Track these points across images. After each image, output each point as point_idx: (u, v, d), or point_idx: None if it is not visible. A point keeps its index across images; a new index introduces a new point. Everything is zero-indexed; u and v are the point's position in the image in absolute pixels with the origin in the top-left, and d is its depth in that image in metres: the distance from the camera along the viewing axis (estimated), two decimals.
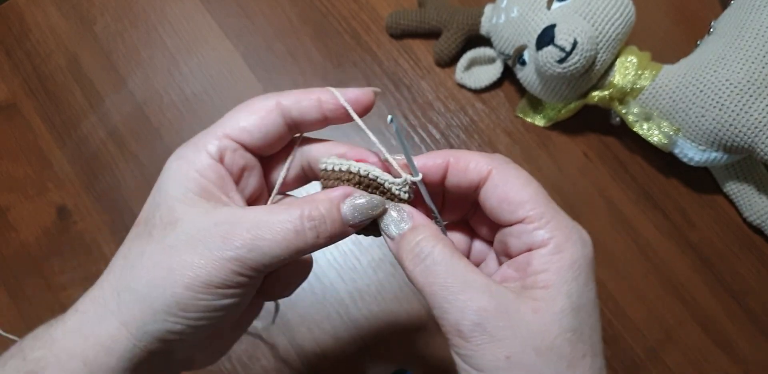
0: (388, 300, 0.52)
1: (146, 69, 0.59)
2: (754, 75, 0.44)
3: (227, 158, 0.26)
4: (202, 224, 0.24)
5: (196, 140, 0.27)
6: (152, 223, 0.25)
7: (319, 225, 0.25)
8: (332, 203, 0.25)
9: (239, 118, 0.27)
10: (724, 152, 0.47)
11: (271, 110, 0.27)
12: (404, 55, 0.58)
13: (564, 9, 0.46)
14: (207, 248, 0.23)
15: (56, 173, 0.57)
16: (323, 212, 0.25)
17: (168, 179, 0.26)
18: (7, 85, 0.60)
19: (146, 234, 0.25)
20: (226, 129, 0.27)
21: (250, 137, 0.27)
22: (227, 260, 0.23)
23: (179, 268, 0.23)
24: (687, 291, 0.52)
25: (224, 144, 0.26)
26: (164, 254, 0.24)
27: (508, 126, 0.56)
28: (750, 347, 0.50)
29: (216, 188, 0.26)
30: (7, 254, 0.56)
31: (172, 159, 0.27)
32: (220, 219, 0.24)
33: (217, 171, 0.26)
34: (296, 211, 0.24)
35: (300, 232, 0.24)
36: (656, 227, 0.53)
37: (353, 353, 0.51)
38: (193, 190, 0.25)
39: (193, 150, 0.26)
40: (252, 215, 0.24)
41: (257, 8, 0.60)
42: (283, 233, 0.24)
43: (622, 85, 0.48)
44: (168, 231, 0.24)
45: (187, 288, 0.23)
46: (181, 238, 0.24)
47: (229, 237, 0.23)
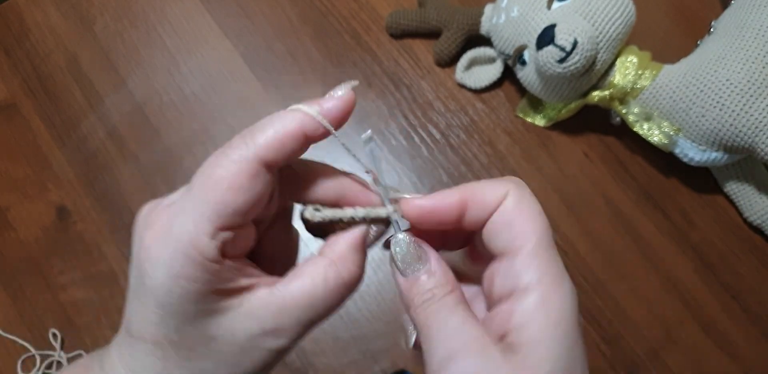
0: (388, 300, 0.52)
1: (146, 69, 0.59)
2: (754, 75, 0.43)
3: (228, 249, 0.23)
4: (248, 334, 0.23)
5: (178, 238, 0.21)
6: (179, 343, 0.23)
7: (358, 280, 0.25)
8: (357, 251, 0.25)
9: (225, 201, 0.22)
10: (725, 152, 0.47)
11: (255, 177, 0.22)
12: (404, 55, 0.58)
13: (564, 9, 0.46)
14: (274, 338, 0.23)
15: (56, 173, 0.57)
16: (359, 268, 0.25)
17: (172, 302, 0.22)
18: (7, 85, 0.60)
19: (183, 358, 0.23)
20: (214, 219, 0.22)
21: (244, 219, 0.23)
22: None
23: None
24: (687, 291, 0.52)
25: (221, 239, 0.22)
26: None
27: (508, 126, 0.56)
28: (750, 347, 0.50)
29: (232, 283, 0.23)
30: (6, 254, 0.56)
31: (158, 272, 0.21)
32: (265, 322, 0.23)
33: (227, 270, 0.23)
34: (337, 281, 0.24)
35: (345, 296, 0.25)
36: (656, 227, 0.53)
37: (353, 353, 0.51)
38: (209, 300, 0.22)
39: (182, 257, 0.21)
40: (294, 300, 0.23)
41: (257, 8, 0.60)
42: (333, 306, 0.24)
43: (623, 85, 0.48)
44: (210, 350, 0.23)
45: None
46: (232, 351, 0.23)
47: (282, 332, 0.23)
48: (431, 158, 0.55)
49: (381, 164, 0.25)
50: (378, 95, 0.57)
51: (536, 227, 0.23)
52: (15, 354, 0.53)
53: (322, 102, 0.24)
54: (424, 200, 0.24)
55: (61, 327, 0.54)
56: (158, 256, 0.22)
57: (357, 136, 0.56)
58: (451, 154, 0.55)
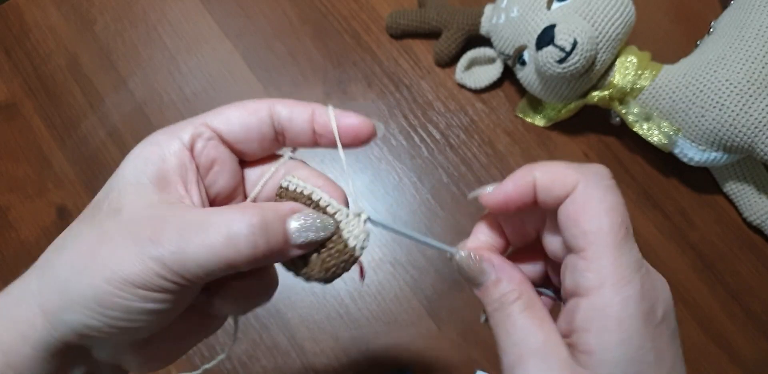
0: (388, 300, 0.52)
1: (146, 69, 0.59)
2: (754, 75, 0.44)
3: (198, 145, 0.25)
4: (140, 215, 0.22)
5: (173, 126, 0.25)
6: (99, 206, 0.23)
7: (257, 234, 0.21)
8: (278, 214, 0.22)
9: (225, 110, 0.25)
10: (724, 152, 0.47)
11: (260, 109, 0.25)
12: (404, 55, 0.58)
13: (564, 9, 0.46)
14: (134, 242, 0.21)
15: (56, 173, 0.57)
16: (267, 221, 0.22)
17: (128, 161, 0.24)
18: (7, 85, 0.60)
19: (90, 217, 0.23)
20: (208, 118, 0.25)
21: (229, 128, 0.25)
22: (150, 260, 0.20)
23: (103, 258, 0.21)
24: (687, 291, 0.52)
25: (199, 131, 0.25)
26: (96, 240, 0.22)
27: (508, 126, 0.56)
28: (750, 347, 0.50)
29: (175, 177, 0.24)
30: (7, 254, 0.56)
31: (141, 143, 0.24)
32: (158, 213, 0.22)
33: (180, 158, 0.24)
34: (235, 214, 0.21)
35: (232, 239, 0.21)
36: (656, 227, 0.53)
37: (353, 353, 0.51)
38: (148, 176, 0.23)
39: (165, 135, 0.24)
40: (189, 214, 0.22)
41: (257, 8, 0.60)
42: (213, 236, 0.21)
43: (622, 85, 0.48)
44: (109, 217, 0.22)
45: (107, 281, 0.21)
46: (116, 226, 0.22)
47: (156, 233, 0.21)
48: (431, 158, 0.55)
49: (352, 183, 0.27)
50: (378, 95, 0.57)
51: (602, 226, 0.22)
52: None
53: (344, 112, 0.26)
54: (499, 189, 0.24)
55: None
56: (150, 138, 0.25)
57: None
58: (451, 154, 0.55)
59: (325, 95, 0.57)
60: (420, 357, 0.51)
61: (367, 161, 0.55)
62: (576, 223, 0.22)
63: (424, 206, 0.54)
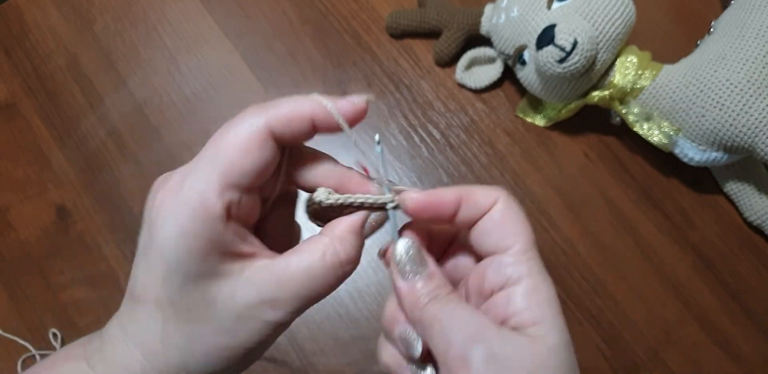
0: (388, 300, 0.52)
1: (146, 69, 0.59)
2: (754, 75, 0.43)
3: (234, 211, 0.24)
4: (247, 301, 0.24)
5: (188, 194, 0.23)
6: (180, 305, 0.23)
7: (354, 263, 0.26)
8: (356, 233, 0.26)
9: (234, 161, 0.23)
10: (725, 152, 0.47)
11: (263, 143, 0.24)
12: (404, 55, 0.58)
13: (564, 9, 0.46)
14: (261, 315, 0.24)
15: (56, 173, 0.57)
16: (356, 250, 0.26)
17: (178, 258, 0.23)
18: (7, 85, 0.60)
19: (182, 321, 0.24)
20: (223, 178, 0.23)
21: (251, 181, 0.24)
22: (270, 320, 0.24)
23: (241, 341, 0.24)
24: (687, 290, 0.52)
25: (227, 197, 0.23)
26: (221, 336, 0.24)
27: (508, 126, 0.56)
28: (750, 347, 0.50)
29: (235, 247, 0.24)
30: (7, 254, 0.56)
31: (167, 227, 0.23)
32: (264, 291, 0.24)
33: (231, 232, 0.24)
34: (333, 259, 0.25)
35: (340, 277, 0.25)
36: (656, 227, 0.53)
37: (353, 353, 0.51)
38: (213, 261, 0.23)
39: (190, 213, 0.23)
40: (293, 272, 0.24)
41: (257, 8, 0.60)
42: (329, 284, 0.25)
43: (623, 85, 0.48)
44: (209, 313, 0.23)
45: None
46: (230, 318, 0.24)
47: (279, 303, 0.24)
48: (431, 158, 0.55)
49: (387, 162, 0.27)
50: (378, 95, 0.57)
51: (523, 229, 0.26)
52: (15, 354, 0.53)
53: (337, 99, 0.25)
54: (423, 193, 0.26)
55: (62, 326, 0.54)
56: (168, 211, 0.23)
57: (358, 138, 0.56)
58: (451, 154, 0.55)
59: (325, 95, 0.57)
60: None
61: (367, 161, 0.55)
62: (504, 226, 0.26)
63: None
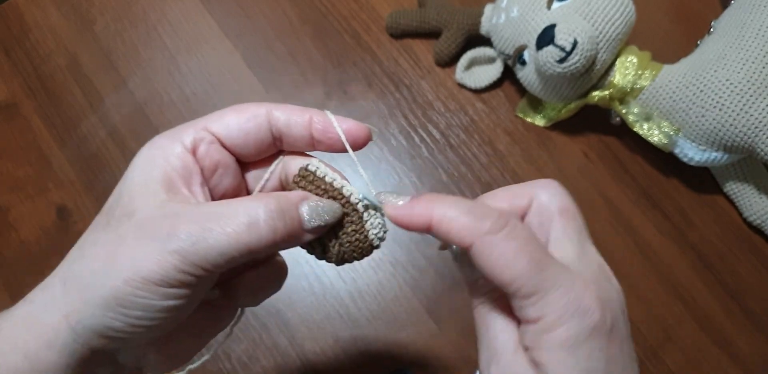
0: (388, 300, 0.52)
1: (146, 69, 0.59)
2: (754, 75, 0.44)
3: (201, 149, 0.25)
4: (154, 215, 0.23)
5: (174, 130, 0.26)
6: (112, 213, 0.24)
7: (276, 218, 0.23)
8: (290, 200, 0.24)
9: (224, 114, 0.26)
10: (724, 152, 0.47)
11: (258, 114, 0.26)
12: (404, 55, 0.58)
13: (564, 9, 0.46)
14: (151, 240, 0.22)
15: (56, 173, 0.57)
16: (282, 207, 0.23)
17: (134, 166, 0.25)
18: (7, 85, 0.60)
19: (104, 223, 0.24)
20: (208, 122, 0.26)
21: (229, 133, 0.26)
22: (169, 254, 0.21)
23: (122, 260, 0.22)
24: (687, 291, 0.52)
25: (200, 135, 0.25)
26: (113, 244, 0.23)
27: (508, 126, 0.56)
28: (749, 347, 0.50)
29: (180, 179, 0.25)
30: (7, 254, 0.56)
31: (145, 146, 0.26)
32: (171, 211, 0.23)
33: (184, 161, 0.25)
34: (252, 202, 0.23)
35: (253, 224, 0.22)
36: (656, 227, 0.53)
37: (353, 353, 0.51)
38: (156, 179, 0.24)
39: (167, 138, 0.25)
40: (204, 207, 0.23)
41: (257, 8, 0.60)
42: (234, 225, 0.22)
43: (623, 85, 0.48)
44: (123, 221, 0.23)
45: (126, 282, 0.22)
46: (131, 228, 0.23)
47: (174, 229, 0.22)
48: (431, 158, 0.55)
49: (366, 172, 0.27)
50: (378, 95, 0.57)
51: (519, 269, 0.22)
52: None
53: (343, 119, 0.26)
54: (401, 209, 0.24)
55: None
56: (146, 145, 0.25)
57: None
58: (451, 154, 0.55)
59: (325, 95, 0.57)
60: (420, 357, 0.51)
61: (367, 161, 0.55)
62: (494, 278, 0.23)
63: None
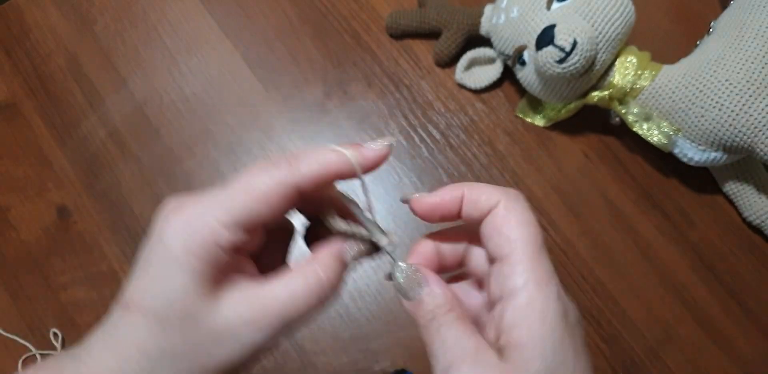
0: (388, 300, 0.52)
1: (146, 69, 0.59)
2: (754, 75, 0.44)
3: (238, 246, 0.25)
4: (226, 320, 0.24)
5: (203, 221, 0.24)
6: (163, 316, 0.24)
7: (334, 285, 0.26)
8: (338, 259, 0.26)
9: (253, 208, 0.24)
10: (724, 152, 0.47)
11: (286, 198, 0.25)
12: (404, 55, 0.58)
13: (564, 9, 0.46)
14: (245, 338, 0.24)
15: (56, 173, 0.57)
16: (337, 274, 0.26)
17: (181, 276, 0.23)
18: (7, 86, 0.60)
19: (160, 332, 0.24)
20: (238, 217, 0.24)
21: (262, 225, 0.25)
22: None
23: None
24: (687, 291, 0.52)
25: (237, 236, 0.24)
26: None
27: (508, 126, 0.56)
28: (750, 347, 0.50)
29: (230, 273, 0.25)
30: (7, 254, 0.56)
31: (176, 244, 0.24)
32: (244, 311, 0.24)
33: (232, 260, 0.25)
34: (315, 280, 0.25)
35: (322, 299, 0.25)
36: (656, 227, 0.53)
37: (353, 353, 0.51)
38: (207, 283, 0.24)
39: (200, 238, 0.23)
40: (274, 294, 0.25)
41: (257, 8, 0.60)
42: (310, 306, 0.25)
43: (622, 86, 0.48)
44: (188, 329, 0.24)
45: None
46: (209, 335, 0.24)
47: (259, 325, 0.24)
48: (431, 158, 0.55)
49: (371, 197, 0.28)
50: (378, 95, 0.57)
51: (523, 234, 0.24)
52: (16, 353, 0.53)
53: (362, 150, 0.26)
54: (430, 197, 0.27)
55: (62, 326, 0.54)
56: (181, 230, 0.24)
57: (357, 138, 0.56)
58: (451, 154, 0.55)
59: (325, 95, 0.57)
60: (420, 357, 0.51)
61: None
62: (500, 232, 0.25)
63: None
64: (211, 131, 0.57)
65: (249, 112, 0.57)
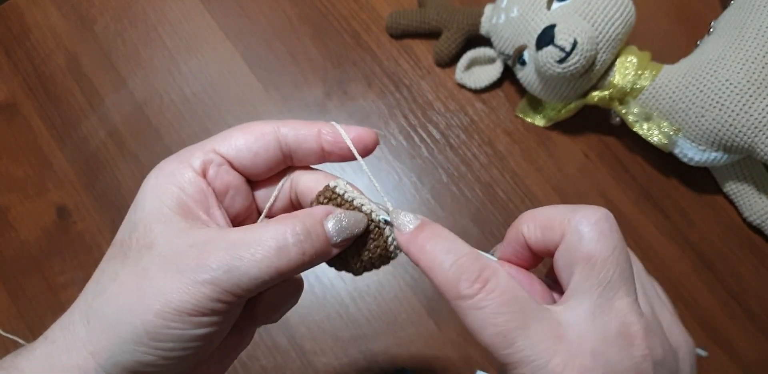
0: (388, 300, 0.52)
1: (146, 69, 0.59)
2: (754, 75, 0.44)
3: (211, 172, 0.25)
4: (177, 245, 0.23)
5: (181, 153, 0.26)
6: (128, 244, 0.24)
7: (303, 241, 0.23)
8: (315, 218, 0.24)
9: (231, 135, 0.26)
10: (724, 152, 0.47)
11: (266, 133, 0.26)
12: (404, 55, 0.58)
13: (564, 9, 0.46)
14: (180, 271, 0.22)
15: (56, 173, 0.57)
16: (308, 227, 0.23)
17: (145, 194, 0.24)
18: (7, 86, 0.60)
19: (121, 256, 0.24)
20: (215, 144, 0.26)
21: (238, 154, 0.25)
22: (201, 284, 0.21)
23: (150, 293, 0.22)
24: (687, 290, 0.52)
25: (209, 158, 0.25)
26: (137, 277, 0.22)
27: (508, 126, 0.56)
28: (750, 347, 0.50)
29: (196, 204, 0.24)
30: (7, 254, 0.56)
31: (152, 173, 0.25)
32: (196, 240, 0.23)
33: (197, 185, 0.25)
34: (278, 227, 0.23)
35: (283, 249, 0.22)
36: (656, 227, 0.53)
37: (353, 353, 0.51)
38: (170, 206, 0.24)
39: (175, 163, 0.25)
40: (231, 234, 0.23)
41: (257, 8, 0.60)
42: (263, 250, 0.22)
43: (622, 85, 0.48)
44: (143, 253, 0.23)
45: (158, 315, 0.21)
46: (155, 261, 0.22)
47: (203, 258, 0.22)
48: (431, 158, 0.55)
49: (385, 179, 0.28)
50: (378, 95, 0.57)
51: (590, 274, 0.24)
52: None
53: (349, 126, 0.26)
54: (502, 253, 0.28)
55: None
56: (161, 164, 0.25)
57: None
58: (451, 154, 0.55)
59: (325, 95, 0.57)
60: (420, 357, 0.51)
61: (368, 161, 0.55)
62: (567, 268, 0.24)
63: (424, 206, 0.54)
64: (211, 131, 0.56)
65: (249, 112, 0.57)
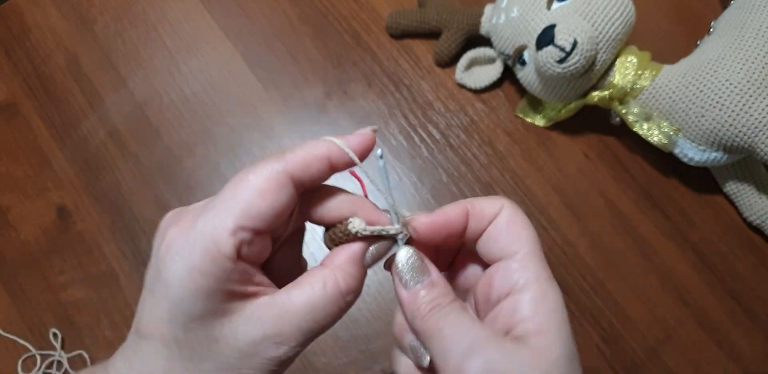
0: (388, 300, 0.52)
1: (146, 69, 0.59)
2: (754, 75, 0.44)
3: (244, 251, 0.23)
4: (250, 338, 0.23)
5: (200, 232, 0.23)
6: (184, 342, 0.23)
7: (355, 293, 0.26)
8: (356, 263, 0.26)
9: (251, 203, 0.23)
10: (724, 152, 0.47)
11: (282, 187, 0.24)
12: (404, 55, 0.58)
13: (564, 9, 0.46)
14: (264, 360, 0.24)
15: (56, 173, 0.57)
16: (357, 280, 0.26)
17: (183, 296, 0.23)
18: (7, 86, 0.60)
19: (186, 359, 0.23)
20: (238, 218, 0.23)
21: (265, 224, 0.24)
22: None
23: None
24: (687, 290, 0.52)
25: (239, 238, 0.23)
26: None
27: (508, 126, 0.56)
28: (750, 347, 0.50)
29: (241, 286, 0.24)
30: (7, 254, 0.56)
31: (176, 264, 0.23)
32: (267, 327, 0.24)
33: (239, 271, 0.23)
34: (334, 289, 0.25)
35: (343, 307, 0.25)
36: (656, 227, 0.53)
37: (353, 353, 0.51)
38: (218, 300, 0.23)
39: (200, 251, 0.22)
40: (294, 306, 0.24)
41: (257, 8, 0.60)
42: (332, 315, 0.25)
43: (622, 85, 0.48)
44: (212, 351, 0.23)
45: None
46: (234, 355, 0.23)
47: (282, 338, 0.24)
48: (431, 158, 0.55)
49: (390, 179, 0.27)
50: (378, 95, 0.57)
51: (529, 235, 0.26)
52: (15, 353, 0.53)
53: (347, 137, 0.26)
54: (432, 217, 0.26)
55: (62, 326, 0.54)
56: (178, 248, 0.23)
57: None
58: (451, 154, 0.55)
59: (325, 95, 0.57)
60: None
61: (367, 161, 0.55)
62: (508, 233, 0.26)
63: (424, 206, 0.54)
64: (211, 131, 0.57)
65: (249, 112, 0.57)
